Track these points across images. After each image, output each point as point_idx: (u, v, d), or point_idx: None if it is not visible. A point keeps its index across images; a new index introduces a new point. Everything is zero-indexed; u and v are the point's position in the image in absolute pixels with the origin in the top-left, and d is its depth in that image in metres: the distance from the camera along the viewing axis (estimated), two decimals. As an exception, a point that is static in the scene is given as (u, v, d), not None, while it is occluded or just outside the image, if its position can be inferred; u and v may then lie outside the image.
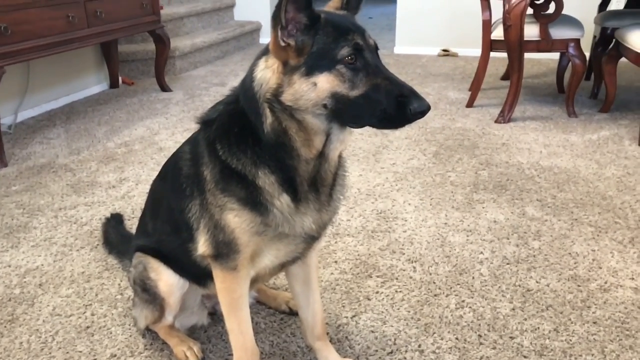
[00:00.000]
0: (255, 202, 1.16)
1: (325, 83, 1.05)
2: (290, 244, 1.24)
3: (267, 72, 1.10)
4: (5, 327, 1.67)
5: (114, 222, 2.02)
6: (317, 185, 1.20)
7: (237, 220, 1.17)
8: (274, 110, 1.10)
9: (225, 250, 1.22)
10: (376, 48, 1.12)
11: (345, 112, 1.07)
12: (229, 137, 1.17)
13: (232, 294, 1.29)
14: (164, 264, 1.44)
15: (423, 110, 1.05)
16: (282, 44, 1.06)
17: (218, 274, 1.27)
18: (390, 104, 1.05)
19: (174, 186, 1.32)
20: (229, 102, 1.22)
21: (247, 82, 1.15)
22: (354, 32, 1.07)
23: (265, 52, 1.13)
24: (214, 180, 1.19)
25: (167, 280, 1.44)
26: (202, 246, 1.25)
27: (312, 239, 1.28)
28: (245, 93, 1.15)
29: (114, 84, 4.42)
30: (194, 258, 1.32)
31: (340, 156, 1.27)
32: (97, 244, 2.09)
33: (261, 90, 1.11)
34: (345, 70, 1.05)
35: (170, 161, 1.43)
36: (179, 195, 1.29)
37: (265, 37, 6.18)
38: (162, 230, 1.43)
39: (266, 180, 1.15)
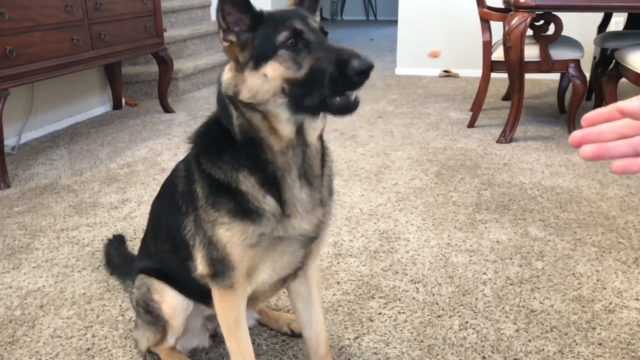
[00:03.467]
0: (245, 210, 1.16)
1: (272, 71, 1.07)
2: (285, 252, 1.23)
3: (229, 74, 1.14)
4: (5, 349, 1.66)
5: (116, 243, 2.02)
6: (308, 178, 1.19)
7: (228, 234, 1.17)
8: (237, 106, 1.13)
9: (220, 267, 1.22)
10: (323, 31, 1.13)
11: (300, 97, 1.08)
12: (209, 148, 1.20)
13: (230, 313, 1.28)
14: (168, 285, 1.44)
15: (363, 68, 1.03)
16: (225, 43, 1.10)
17: (216, 293, 1.27)
18: (332, 71, 1.04)
19: (171, 203, 1.34)
20: (211, 116, 1.25)
21: (217, 88, 1.19)
22: (292, 18, 1.09)
23: None
24: (205, 195, 1.20)
25: (171, 303, 1.43)
26: (200, 264, 1.26)
27: (309, 241, 1.25)
28: (217, 99, 1.19)
29: (117, 106, 4.45)
30: (193, 276, 1.31)
31: (322, 142, 1.25)
32: (99, 265, 2.08)
33: (226, 91, 1.14)
34: (287, 53, 1.06)
35: (168, 179, 1.44)
36: (176, 213, 1.30)
37: (268, 59, 6.23)
38: (162, 249, 1.44)
39: (247, 183, 1.15)
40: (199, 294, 1.40)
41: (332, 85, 1.05)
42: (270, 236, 1.17)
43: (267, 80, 1.07)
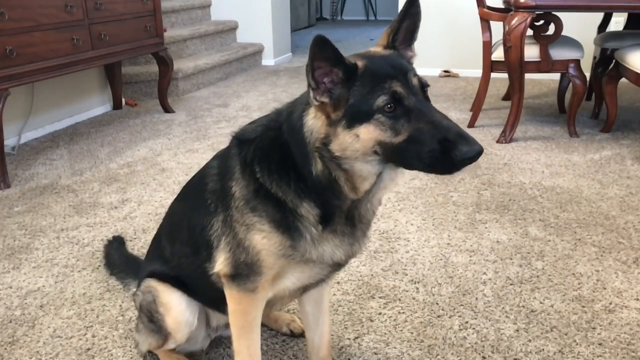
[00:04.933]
0: (289, 226, 1.14)
1: (366, 134, 1.03)
2: (315, 267, 1.22)
3: (317, 122, 1.09)
4: (5, 349, 1.66)
5: (116, 244, 2.02)
6: (354, 221, 1.18)
7: (265, 242, 1.15)
8: (324, 159, 1.09)
9: (245, 271, 1.19)
10: (422, 86, 1.08)
11: (394, 158, 1.06)
12: (269, 164, 1.16)
13: (247, 316, 1.26)
14: (175, 297, 1.40)
15: (472, 156, 1.01)
16: (316, 103, 1.06)
17: (233, 294, 1.24)
18: (434, 149, 1.01)
19: (197, 202, 1.30)
20: (270, 127, 1.19)
21: (296, 123, 1.12)
22: (392, 78, 1.04)
23: None
24: (245, 198, 1.17)
25: (176, 318, 1.40)
26: (220, 264, 1.22)
27: (338, 266, 1.26)
28: (292, 133, 1.13)
29: (117, 106, 4.45)
30: (212, 280, 1.28)
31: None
32: (99, 265, 2.08)
33: (311, 137, 1.09)
34: (385, 119, 1.02)
35: (194, 179, 1.41)
36: (202, 212, 1.27)
37: (268, 59, 6.24)
38: (181, 253, 1.39)
39: (310, 211, 1.14)
40: (214, 299, 1.37)
41: (432, 162, 1.02)
42: (302, 256, 1.17)
43: (358, 141, 1.04)
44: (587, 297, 1.85)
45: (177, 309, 1.40)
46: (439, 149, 1.01)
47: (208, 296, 1.39)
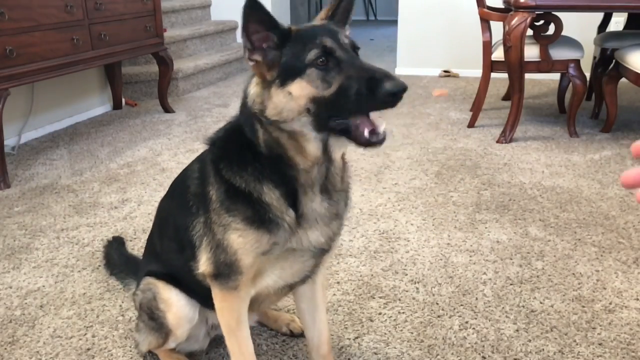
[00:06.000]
0: (262, 220, 1.16)
1: (299, 90, 1.05)
2: (296, 261, 1.23)
3: (257, 88, 1.12)
4: (5, 349, 1.66)
5: (116, 244, 2.02)
6: (330, 192, 1.19)
7: (240, 240, 1.17)
8: (263, 123, 1.12)
9: (226, 270, 1.21)
10: (354, 47, 1.11)
11: (327, 113, 1.06)
12: (230, 155, 1.19)
13: (232, 313, 1.28)
14: (174, 293, 1.41)
15: (396, 91, 1.00)
16: (250, 62, 1.09)
17: (217, 293, 1.27)
18: (361, 88, 1.02)
19: (181, 203, 1.33)
20: (231, 120, 1.24)
21: (243, 99, 1.17)
22: (322, 35, 1.07)
23: None
24: (219, 200, 1.19)
25: (177, 313, 1.41)
26: (203, 265, 1.25)
27: (321, 253, 1.26)
28: (242, 109, 1.18)
29: (117, 106, 4.45)
30: (197, 278, 1.30)
31: (344, 161, 1.27)
32: (99, 265, 2.08)
33: (253, 105, 1.13)
34: (317, 72, 1.05)
35: (179, 179, 1.43)
36: (185, 213, 1.30)
37: (268, 59, 6.23)
38: (169, 249, 1.43)
39: (272, 195, 1.15)
40: (204, 295, 1.37)
41: (359, 103, 1.03)
42: (283, 246, 1.18)
43: (292, 99, 1.06)
44: (587, 297, 1.85)
45: (178, 305, 1.42)
46: (365, 88, 1.02)
47: (197, 292, 1.40)
